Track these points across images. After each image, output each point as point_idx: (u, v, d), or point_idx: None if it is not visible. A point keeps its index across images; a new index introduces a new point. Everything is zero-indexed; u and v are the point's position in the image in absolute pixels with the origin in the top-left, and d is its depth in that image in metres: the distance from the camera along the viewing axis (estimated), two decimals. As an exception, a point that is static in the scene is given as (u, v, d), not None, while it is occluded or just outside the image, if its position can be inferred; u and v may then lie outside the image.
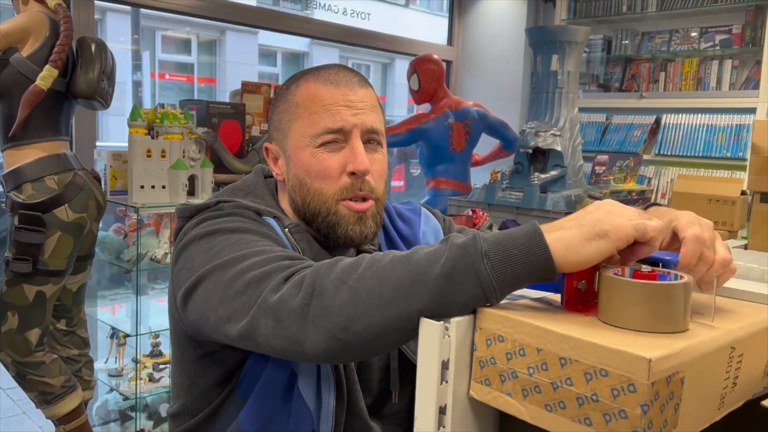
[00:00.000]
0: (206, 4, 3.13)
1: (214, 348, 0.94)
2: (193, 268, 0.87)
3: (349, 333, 0.70)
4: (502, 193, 2.98)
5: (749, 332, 0.67)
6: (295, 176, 1.00)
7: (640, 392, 0.54)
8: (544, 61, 3.03)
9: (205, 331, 0.86)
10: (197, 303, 0.85)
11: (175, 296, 0.92)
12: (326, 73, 0.99)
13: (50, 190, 1.97)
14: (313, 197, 0.98)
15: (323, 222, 0.98)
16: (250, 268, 0.80)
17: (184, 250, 0.92)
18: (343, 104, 0.97)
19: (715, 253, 0.71)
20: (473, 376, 0.68)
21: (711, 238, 0.72)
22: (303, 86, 1.00)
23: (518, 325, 0.63)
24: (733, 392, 0.68)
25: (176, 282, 0.91)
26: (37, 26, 1.95)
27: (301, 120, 0.98)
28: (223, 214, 0.95)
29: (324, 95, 0.97)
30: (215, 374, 0.97)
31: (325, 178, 0.97)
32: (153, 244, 2.26)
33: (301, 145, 0.98)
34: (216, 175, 2.31)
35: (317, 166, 0.97)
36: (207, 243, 0.89)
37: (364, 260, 0.73)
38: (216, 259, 0.85)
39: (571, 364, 0.59)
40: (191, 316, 0.88)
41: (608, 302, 0.65)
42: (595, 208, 0.67)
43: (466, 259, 0.66)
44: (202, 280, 0.85)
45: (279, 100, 1.03)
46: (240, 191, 1.04)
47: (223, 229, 0.90)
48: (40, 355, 2.05)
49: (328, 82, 0.98)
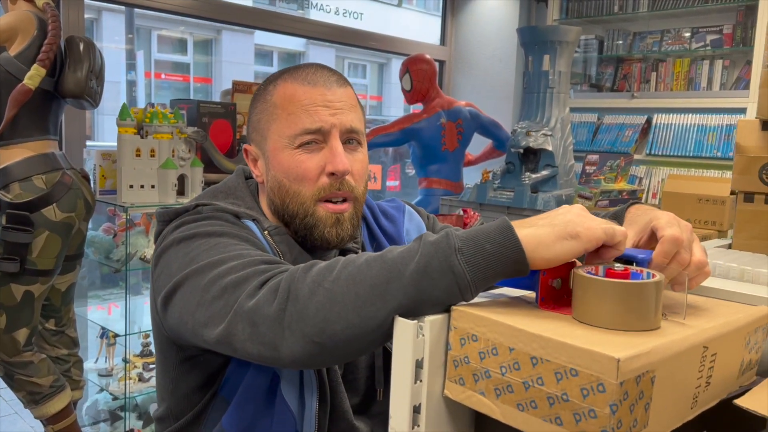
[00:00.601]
0: (202, 4, 3.12)
1: (196, 352, 0.94)
2: (172, 273, 0.87)
3: (325, 336, 0.70)
4: (493, 193, 2.99)
5: (723, 331, 0.68)
6: (274, 178, 0.99)
7: (609, 392, 0.54)
8: (535, 61, 3.04)
9: (185, 336, 0.86)
10: (176, 308, 0.85)
11: (155, 301, 0.92)
12: (304, 73, 0.99)
13: (38, 190, 1.96)
14: (292, 199, 0.98)
15: (301, 224, 0.98)
16: (227, 272, 0.80)
17: (162, 254, 0.92)
18: (321, 104, 0.96)
19: (692, 255, 0.72)
20: (448, 375, 0.68)
21: (689, 240, 0.73)
22: (280, 86, 0.99)
23: (491, 324, 0.63)
24: (707, 391, 0.68)
25: (156, 287, 0.91)
26: (24, 25, 1.94)
27: (279, 121, 0.97)
28: (202, 217, 0.95)
29: (301, 95, 0.96)
30: (197, 378, 0.97)
31: (304, 179, 0.96)
32: (142, 243, 2.26)
33: (280, 146, 0.97)
34: (206, 175, 2.31)
35: (296, 168, 0.96)
36: (185, 247, 0.89)
37: (339, 262, 0.73)
38: (193, 263, 0.85)
39: (542, 363, 0.59)
40: (171, 320, 0.88)
41: (581, 300, 0.65)
42: (566, 210, 0.69)
43: (439, 256, 0.67)
44: (180, 285, 0.85)
45: (257, 100, 1.03)
46: (220, 193, 1.03)
47: (201, 233, 0.90)
48: (29, 355, 2.04)
49: (305, 82, 0.97)
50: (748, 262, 1.02)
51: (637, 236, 0.78)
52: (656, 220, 0.76)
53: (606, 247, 0.68)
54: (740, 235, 1.28)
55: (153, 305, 0.95)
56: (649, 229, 0.77)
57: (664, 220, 0.75)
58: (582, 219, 0.67)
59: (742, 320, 0.71)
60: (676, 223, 0.75)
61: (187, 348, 0.94)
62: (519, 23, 4.04)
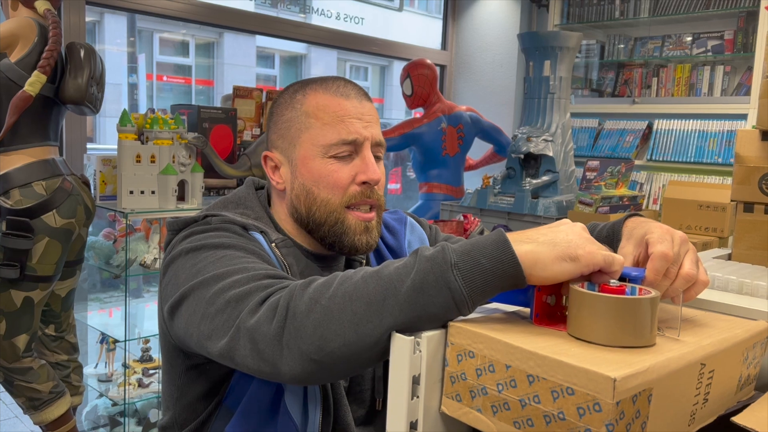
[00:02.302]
0: (204, 9, 3.13)
1: (202, 360, 0.95)
2: (179, 284, 0.88)
3: (323, 353, 0.70)
4: (493, 198, 2.98)
5: (721, 348, 0.67)
6: (302, 185, 1.01)
7: (605, 411, 0.54)
8: (536, 66, 3.04)
9: (190, 346, 0.87)
10: (182, 318, 0.86)
11: (162, 309, 0.93)
12: (334, 85, 1.02)
13: (38, 196, 1.96)
14: (320, 206, 1.00)
15: (329, 231, 1.00)
16: (231, 286, 0.81)
17: (171, 264, 0.93)
18: (355, 116, 1.00)
19: (680, 268, 0.72)
20: (444, 392, 0.68)
21: (677, 254, 0.73)
22: (311, 96, 1.01)
23: (487, 341, 0.63)
24: (704, 408, 0.67)
25: (163, 296, 0.92)
26: (25, 32, 1.95)
27: (312, 130, 1.00)
28: (210, 228, 0.96)
29: (336, 107, 0.99)
30: (202, 386, 0.98)
31: (335, 188, 0.99)
32: (142, 249, 2.26)
33: (311, 154, 1.00)
34: (207, 180, 2.31)
35: (328, 176, 0.99)
36: (192, 258, 0.90)
37: (337, 278, 0.73)
38: (200, 275, 0.86)
39: (539, 381, 0.59)
40: (177, 330, 0.89)
41: (577, 316, 0.65)
42: (569, 229, 0.68)
43: (435, 271, 0.66)
44: (186, 296, 0.86)
45: (283, 107, 1.04)
46: (230, 204, 1.05)
47: (208, 245, 0.91)
48: (28, 361, 2.04)
49: (338, 94, 1.01)
50: (748, 274, 1.02)
51: (635, 251, 0.78)
52: (650, 234, 0.76)
53: (599, 272, 0.67)
54: (740, 245, 1.28)
55: (160, 313, 0.96)
56: (644, 243, 0.77)
57: (656, 235, 0.75)
58: (583, 242, 0.66)
59: (741, 336, 0.71)
60: (669, 237, 0.74)
61: (193, 356, 0.95)
62: (520, 28, 4.04)
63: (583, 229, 0.69)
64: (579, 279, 0.68)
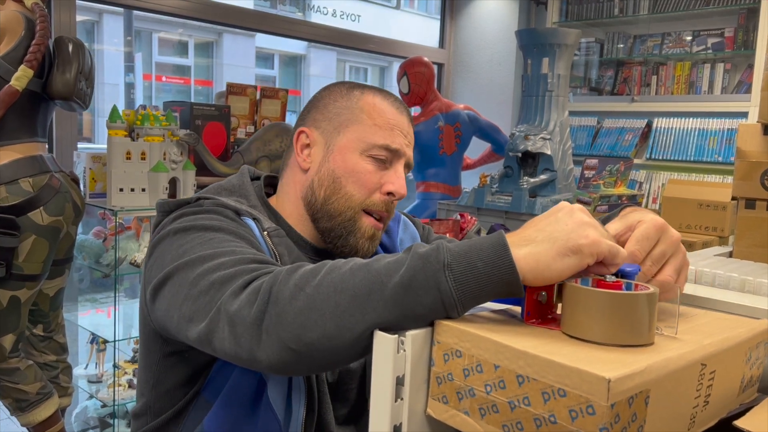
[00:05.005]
0: (202, 6, 3.10)
1: (182, 347, 0.92)
2: (164, 264, 0.86)
3: (302, 343, 0.67)
4: (491, 197, 2.95)
5: (723, 347, 0.64)
6: (331, 171, 1.01)
7: (599, 414, 0.51)
8: (534, 64, 3.00)
9: (170, 329, 0.85)
10: (164, 299, 0.84)
11: (145, 291, 0.91)
12: (391, 98, 1.06)
13: (25, 193, 1.93)
14: (340, 198, 1.01)
15: (339, 225, 1.01)
16: (217, 268, 0.79)
17: (157, 244, 0.91)
18: (401, 130, 1.03)
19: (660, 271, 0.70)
20: (431, 393, 0.64)
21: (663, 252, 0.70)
22: (369, 96, 1.04)
23: (475, 340, 0.60)
24: (705, 411, 0.64)
25: (147, 276, 0.90)
26: (12, 25, 1.91)
27: (361, 125, 1.02)
28: (201, 210, 0.94)
29: (390, 115, 1.03)
30: (181, 374, 0.95)
31: (362, 186, 1.00)
32: (133, 248, 2.22)
33: (352, 147, 1.01)
34: (199, 178, 2.27)
35: (360, 173, 1.00)
36: (180, 239, 0.88)
37: (325, 267, 0.70)
38: (185, 256, 0.84)
39: (529, 382, 0.55)
40: (158, 312, 0.86)
41: (571, 313, 0.61)
42: (567, 215, 0.63)
43: (426, 270, 0.63)
44: (170, 277, 0.84)
45: (338, 95, 1.06)
46: (224, 190, 1.04)
47: (197, 226, 0.89)
48: (15, 362, 2.00)
49: (393, 104, 1.04)
50: (750, 272, 0.98)
51: (622, 229, 0.73)
52: (639, 221, 0.71)
53: (599, 264, 0.63)
54: (741, 243, 1.24)
55: (143, 295, 0.94)
56: (633, 226, 0.72)
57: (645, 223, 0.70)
58: (584, 229, 0.62)
59: (743, 335, 0.67)
60: (655, 232, 0.70)
61: (172, 342, 0.92)
62: (518, 26, 4.01)
63: (582, 210, 0.64)
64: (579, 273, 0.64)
